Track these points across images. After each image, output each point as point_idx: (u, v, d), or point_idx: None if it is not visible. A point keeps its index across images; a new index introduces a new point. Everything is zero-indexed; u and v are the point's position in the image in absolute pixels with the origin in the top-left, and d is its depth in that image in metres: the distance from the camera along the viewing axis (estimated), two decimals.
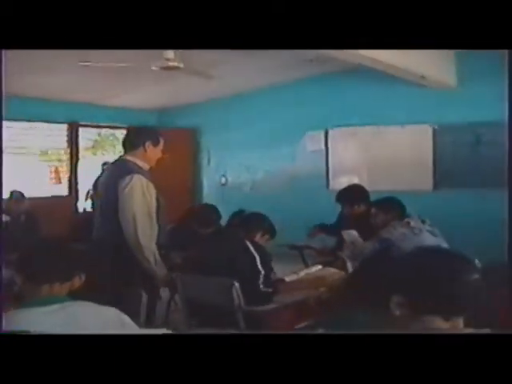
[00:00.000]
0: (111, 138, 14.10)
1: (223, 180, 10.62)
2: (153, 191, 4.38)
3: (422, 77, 7.74)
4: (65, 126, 9.95)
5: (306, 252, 6.39)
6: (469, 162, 8.50)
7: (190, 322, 4.68)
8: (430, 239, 5.15)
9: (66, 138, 9.98)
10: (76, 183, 10.08)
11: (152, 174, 4.42)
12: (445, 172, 8.67)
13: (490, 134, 8.32)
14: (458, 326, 2.01)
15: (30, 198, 7.26)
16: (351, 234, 5.49)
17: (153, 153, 4.55)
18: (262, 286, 4.36)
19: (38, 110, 9.18)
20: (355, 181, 8.77)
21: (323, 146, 9.53)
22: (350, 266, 5.38)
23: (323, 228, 6.36)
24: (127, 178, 4.24)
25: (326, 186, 9.40)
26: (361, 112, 9.10)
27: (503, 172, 8.24)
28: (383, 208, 5.48)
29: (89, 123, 10.38)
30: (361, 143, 9.25)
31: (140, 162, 4.45)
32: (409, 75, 7.68)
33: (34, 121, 9.53)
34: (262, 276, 4.38)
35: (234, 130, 10.19)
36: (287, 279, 4.77)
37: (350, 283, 3.47)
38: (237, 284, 4.20)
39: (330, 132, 9.46)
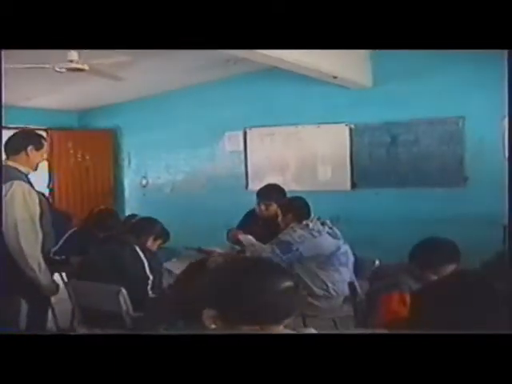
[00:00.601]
0: None
1: (144, 181, 10.51)
2: (35, 197, 4.24)
3: (334, 77, 7.77)
4: None
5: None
6: (385, 161, 8.57)
7: (85, 328, 4.62)
8: (328, 241, 5.15)
9: None
10: None
11: (73, 176, 4.22)
12: (362, 171, 8.74)
13: (405, 133, 8.42)
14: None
15: None
16: (247, 238, 5.45)
17: (35, 157, 4.42)
18: (150, 292, 4.32)
19: None
20: (273, 181, 8.77)
21: (242, 147, 9.49)
22: None
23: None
24: (7, 185, 4.11)
25: (245, 186, 9.37)
26: (279, 112, 9.10)
27: (419, 171, 8.37)
28: (286, 208, 5.43)
29: (4, 125, 10.10)
30: (278, 143, 9.24)
31: (22, 168, 4.31)
32: (321, 75, 7.71)
33: None
34: (150, 282, 4.34)
35: (154, 131, 10.05)
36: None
37: (173, 293, 3.48)
38: (124, 290, 4.14)
39: (248, 132, 9.43)
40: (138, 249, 4.45)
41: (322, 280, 5.05)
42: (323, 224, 5.23)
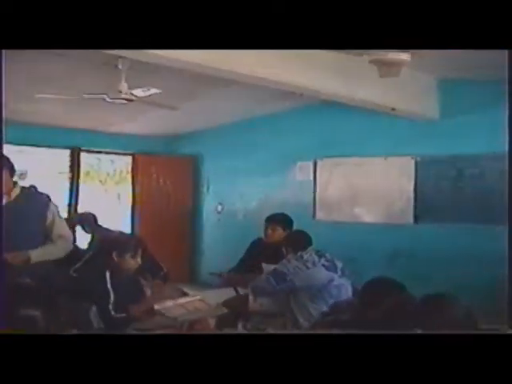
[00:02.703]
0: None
1: (220, 207, 10.72)
2: None
3: (393, 109, 7.68)
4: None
5: None
6: (450, 195, 8.33)
7: None
8: (322, 273, 5.15)
9: (68, 163, 10.22)
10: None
11: (154, 200, 4.22)
12: (426, 205, 8.52)
13: (471, 167, 8.16)
14: None
15: None
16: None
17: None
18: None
19: (40, 136, 9.45)
20: (338, 212, 8.82)
21: (311, 176, 9.52)
22: (250, 300, 5.43)
23: None
24: None
25: (313, 215, 9.36)
26: (348, 143, 9.07)
27: (485, 207, 8.02)
28: (288, 241, 5.53)
29: (92, 149, 10.65)
30: (345, 174, 9.19)
31: None
32: (378, 107, 7.66)
33: (38, 146, 9.77)
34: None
35: (232, 158, 10.29)
36: (156, 307, 4.82)
37: None
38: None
39: (319, 162, 9.45)
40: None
41: (309, 312, 5.06)
42: (320, 256, 5.23)
